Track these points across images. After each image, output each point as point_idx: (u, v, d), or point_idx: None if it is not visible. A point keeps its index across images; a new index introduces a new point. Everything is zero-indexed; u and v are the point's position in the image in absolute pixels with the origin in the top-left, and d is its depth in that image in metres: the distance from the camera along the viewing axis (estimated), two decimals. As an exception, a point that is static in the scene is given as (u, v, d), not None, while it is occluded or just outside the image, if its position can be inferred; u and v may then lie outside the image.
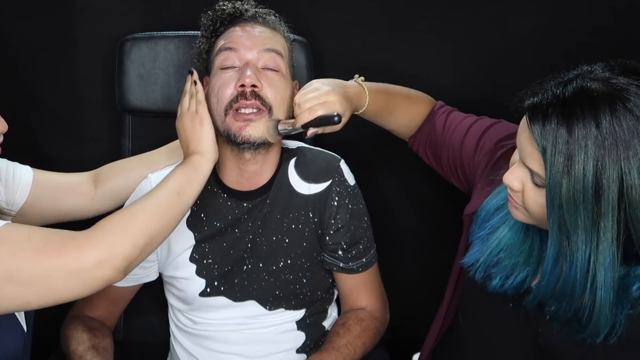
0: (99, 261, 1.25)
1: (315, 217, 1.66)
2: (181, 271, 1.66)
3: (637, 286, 1.22)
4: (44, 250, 1.23)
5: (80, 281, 1.25)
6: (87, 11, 1.97)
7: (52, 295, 1.25)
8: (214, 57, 1.60)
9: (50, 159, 1.97)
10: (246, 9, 1.62)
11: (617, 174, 1.14)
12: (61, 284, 1.24)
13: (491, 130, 1.56)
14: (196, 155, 1.48)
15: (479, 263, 1.40)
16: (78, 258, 1.24)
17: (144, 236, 1.32)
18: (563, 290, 1.23)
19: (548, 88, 1.21)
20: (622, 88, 1.17)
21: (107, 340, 1.65)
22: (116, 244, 1.28)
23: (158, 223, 1.36)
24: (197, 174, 1.46)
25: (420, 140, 1.69)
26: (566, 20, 1.91)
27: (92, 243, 1.26)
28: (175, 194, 1.41)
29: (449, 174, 1.65)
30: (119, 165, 1.71)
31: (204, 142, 1.50)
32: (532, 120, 1.20)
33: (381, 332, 1.74)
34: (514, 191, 1.28)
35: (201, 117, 1.51)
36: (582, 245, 1.18)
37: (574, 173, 1.15)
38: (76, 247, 1.24)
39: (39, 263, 1.22)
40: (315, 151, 1.72)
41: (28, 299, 1.25)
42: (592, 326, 1.23)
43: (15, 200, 1.55)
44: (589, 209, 1.16)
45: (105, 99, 2.00)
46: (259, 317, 1.68)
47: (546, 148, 1.17)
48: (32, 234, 1.25)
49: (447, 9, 1.95)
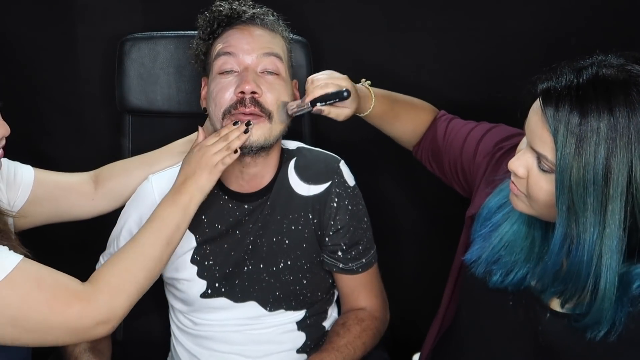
0: (99, 322, 1.34)
1: (315, 218, 1.66)
2: (182, 273, 1.66)
3: (638, 284, 1.23)
4: (51, 304, 1.31)
5: (78, 337, 1.37)
6: (87, 11, 1.97)
7: (49, 342, 1.36)
8: (212, 61, 1.59)
9: (51, 158, 1.97)
10: (244, 10, 1.60)
11: (628, 159, 1.16)
12: (60, 336, 1.34)
13: (490, 133, 1.57)
14: (187, 195, 1.49)
15: (481, 260, 1.40)
16: (80, 319, 1.33)
17: (139, 294, 1.42)
18: (569, 272, 1.24)
19: (562, 73, 1.22)
20: (637, 75, 1.19)
21: (104, 342, 1.66)
22: (116, 307, 1.36)
23: (151, 278, 1.44)
24: (184, 219, 1.49)
25: (423, 149, 1.71)
26: (566, 20, 1.91)
27: (95, 307, 1.34)
28: (166, 244, 1.46)
29: (451, 179, 1.66)
30: (119, 166, 1.71)
31: (201, 189, 1.50)
32: (546, 103, 1.21)
33: (381, 332, 1.75)
34: (517, 178, 1.29)
35: (219, 168, 1.51)
36: (590, 227, 1.19)
37: (585, 155, 1.17)
38: (81, 308, 1.32)
39: (44, 315, 1.30)
40: (315, 152, 1.72)
41: (26, 341, 1.35)
42: (595, 311, 1.24)
43: (16, 200, 1.56)
44: (598, 191, 1.17)
45: (105, 99, 2.00)
46: (259, 317, 1.68)
47: (558, 129, 1.19)
48: (42, 281, 1.31)
49: (446, 8, 1.95)
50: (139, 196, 1.64)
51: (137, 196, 1.65)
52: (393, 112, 1.67)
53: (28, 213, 1.57)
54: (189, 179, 1.50)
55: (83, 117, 2.05)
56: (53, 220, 1.65)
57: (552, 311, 1.34)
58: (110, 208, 1.68)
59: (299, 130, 1.92)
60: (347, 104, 1.53)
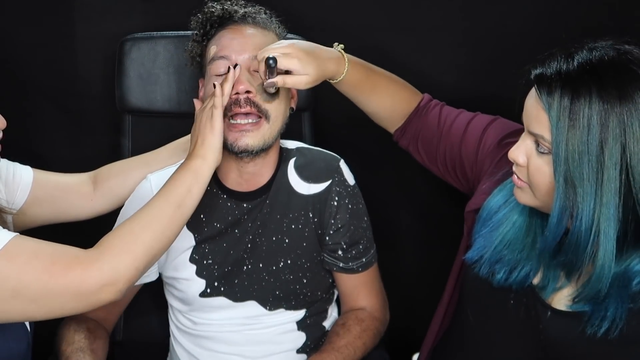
0: (103, 285, 1.29)
1: (315, 217, 1.65)
2: (181, 272, 1.66)
3: (637, 281, 1.25)
4: (51, 269, 1.26)
5: (84, 302, 1.30)
6: (88, 11, 1.97)
7: (56, 312, 1.31)
8: (207, 64, 1.59)
9: (50, 159, 1.96)
10: (235, 10, 1.60)
11: (620, 128, 1.20)
12: (66, 302, 1.28)
13: (492, 128, 1.56)
14: (198, 160, 1.46)
15: (484, 260, 1.41)
16: (83, 282, 1.27)
17: (146, 256, 1.35)
18: (569, 243, 1.26)
19: (554, 58, 1.27)
20: (626, 51, 1.25)
21: (99, 342, 1.63)
22: (120, 268, 1.30)
23: (160, 241, 1.38)
24: (197, 182, 1.44)
25: (409, 135, 1.66)
26: (564, 17, 1.91)
27: (97, 267, 1.29)
28: (177, 207, 1.40)
29: (445, 172, 1.63)
30: (118, 166, 1.71)
31: (209, 149, 1.47)
32: (539, 85, 1.26)
33: (381, 332, 1.74)
34: (519, 167, 1.32)
35: (214, 125, 1.49)
36: (587, 197, 1.22)
37: (579, 126, 1.21)
38: (82, 270, 1.28)
39: (44, 283, 1.26)
40: (314, 151, 1.72)
41: (32, 313, 1.29)
42: (594, 280, 1.26)
43: (15, 200, 1.56)
44: (593, 161, 1.21)
45: (105, 99, 2.00)
46: (259, 317, 1.68)
47: (552, 105, 1.23)
48: (39, 251, 1.28)
49: (447, 7, 1.95)
50: (138, 195, 1.64)
51: (136, 195, 1.65)
52: (370, 82, 1.61)
53: (27, 213, 1.57)
54: (196, 145, 1.48)
55: (83, 117, 2.05)
56: (52, 221, 1.65)
57: (553, 309, 1.35)
58: (109, 208, 1.68)
59: (299, 130, 1.92)
60: (300, 70, 1.46)
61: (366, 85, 1.61)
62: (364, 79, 1.60)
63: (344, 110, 1.77)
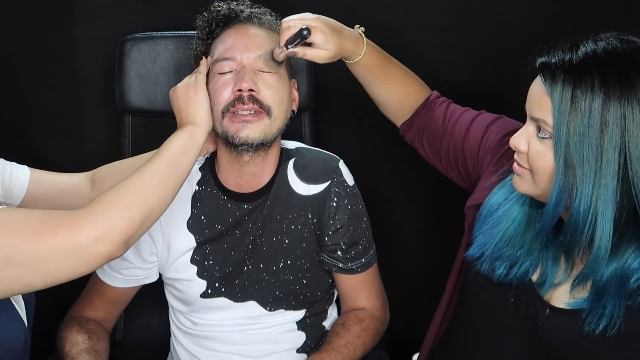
0: (97, 237, 1.24)
1: (314, 218, 1.66)
2: (182, 273, 1.66)
3: (635, 278, 1.26)
4: (41, 230, 1.22)
5: (81, 259, 1.24)
6: (87, 11, 1.98)
7: (53, 275, 1.25)
8: (211, 64, 1.59)
9: (50, 159, 1.97)
10: (241, 9, 1.61)
11: (621, 112, 1.22)
12: (61, 263, 1.23)
13: (495, 125, 1.57)
14: (190, 125, 1.47)
15: (485, 257, 1.42)
16: (75, 236, 1.23)
17: (142, 209, 1.31)
18: (568, 224, 1.28)
19: (558, 47, 1.30)
20: (630, 40, 1.28)
21: (101, 343, 1.64)
22: (113, 218, 1.26)
23: (155, 195, 1.35)
24: (192, 144, 1.45)
25: (415, 129, 1.67)
26: (564, 15, 1.91)
27: (89, 219, 1.25)
28: (171, 165, 1.40)
29: (447, 167, 1.64)
30: (116, 166, 1.71)
31: (198, 111, 1.48)
32: (544, 71, 1.28)
33: (381, 332, 1.75)
34: (520, 154, 1.33)
35: (197, 86, 1.50)
36: (586, 179, 1.24)
37: (581, 109, 1.23)
38: (73, 224, 1.24)
39: (36, 243, 1.21)
40: (314, 152, 1.72)
41: (29, 280, 1.24)
42: (591, 261, 1.27)
43: (12, 200, 1.55)
44: (593, 143, 1.23)
45: (105, 99, 2.00)
46: (259, 317, 1.68)
47: (555, 89, 1.26)
48: (28, 216, 1.25)
49: (447, 6, 1.94)
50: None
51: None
52: (384, 69, 1.64)
53: None
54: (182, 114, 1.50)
55: (83, 117, 2.05)
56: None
57: (551, 307, 1.35)
58: (107, 208, 1.68)
59: (299, 130, 1.92)
60: (322, 45, 1.50)
61: (380, 72, 1.64)
62: (379, 65, 1.63)
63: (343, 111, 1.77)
